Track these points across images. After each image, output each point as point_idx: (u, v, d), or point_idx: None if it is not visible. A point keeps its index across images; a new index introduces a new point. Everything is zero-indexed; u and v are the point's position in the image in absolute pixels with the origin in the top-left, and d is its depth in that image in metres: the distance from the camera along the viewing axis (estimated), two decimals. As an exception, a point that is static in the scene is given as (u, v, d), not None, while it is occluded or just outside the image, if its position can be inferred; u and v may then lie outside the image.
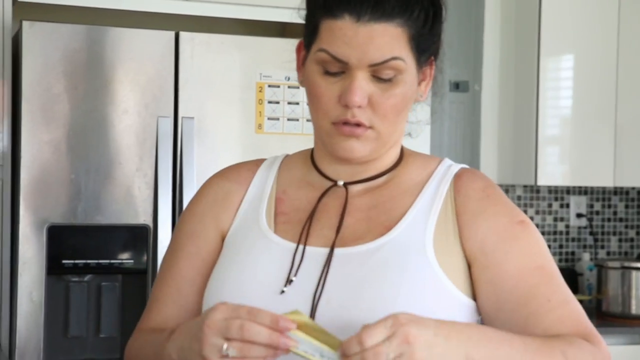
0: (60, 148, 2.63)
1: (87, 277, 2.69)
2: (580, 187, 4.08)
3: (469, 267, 1.27)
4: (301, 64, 1.34)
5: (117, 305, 2.70)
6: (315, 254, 1.28)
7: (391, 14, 1.24)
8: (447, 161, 1.37)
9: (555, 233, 4.07)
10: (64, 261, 2.64)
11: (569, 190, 4.08)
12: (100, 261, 2.68)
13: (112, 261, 2.69)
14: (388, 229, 1.28)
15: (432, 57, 1.33)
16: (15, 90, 2.69)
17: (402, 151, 1.38)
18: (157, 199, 2.69)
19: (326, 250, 1.28)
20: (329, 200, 1.34)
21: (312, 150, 1.40)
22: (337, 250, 1.27)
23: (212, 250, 1.37)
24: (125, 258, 2.70)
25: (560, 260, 4.07)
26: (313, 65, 1.27)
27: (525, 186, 4.01)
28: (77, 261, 2.66)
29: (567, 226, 4.09)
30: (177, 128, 2.74)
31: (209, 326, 1.11)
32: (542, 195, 4.05)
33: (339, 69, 1.25)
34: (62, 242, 2.64)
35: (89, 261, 2.67)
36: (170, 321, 1.35)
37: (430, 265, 1.24)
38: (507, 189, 3.99)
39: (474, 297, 1.28)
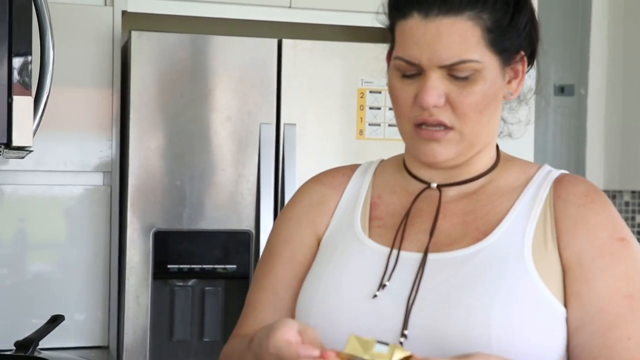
0: (166, 155, 2.69)
1: (191, 282, 2.74)
2: (691, 193, 3.95)
3: (564, 274, 1.21)
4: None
5: (220, 310, 2.74)
6: (409, 258, 1.26)
7: (460, 7, 1.19)
8: (546, 167, 1.32)
9: (664, 240, 3.95)
10: (169, 266, 2.70)
11: (679, 196, 3.96)
12: (204, 266, 2.72)
13: (216, 266, 2.73)
14: (485, 234, 1.24)
15: (522, 53, 1.27)
16: (123, 99, 2.76)
17: (499, 155, 1.34)
18: (259, 205, 2.72)
19: (420, 255, 1.25)
20: (422, 204, 1.31)
21: (404, 155, 1.38)
22: (431, 256, 1.25)
23: (308, 254, 1.36)
24: (228, 263, 2.73)
25: (670, 269, 3.95)
26: (392, 71, 1.26)
27: (633, 192, 3.91)
28: (181, 266, 2.70)
29: (678, 233, 3.96)
30: (280, 134, 2.76)
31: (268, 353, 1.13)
32: (651, 201, 3.94)
33: (415, 72, 1.22)
34: (167, 247, 2.69)
35: (193, 266, 2.71)
36: None
37: (528, 273, 1.19)
38: (614, 194, 3.89)
39: (566, 306, 1.22)
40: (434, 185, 1.31)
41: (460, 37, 1.19)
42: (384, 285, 1.23)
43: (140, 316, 2.68)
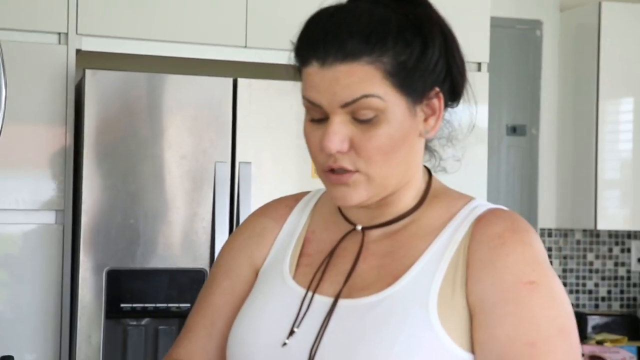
0: (120, 193, 2.68)
1: (144, 321, 2.71)
2: (641, 232, 4.01)
3: (470, 320, 1.17)
4: None
5: (174, 349, 2.71)
6: (322, 303, 1.23)
7: (355, 54, 1.17)
8: (475, 201, 1.26)
9: (616, 278, 4.00)
10: (122, 305, 2.67)
11: (629, 235, 4.01)
12: (158, 305, 2.70)
13: (170, 305, 2.71)
14: (396, 278, 1.20)
15: (437, 89, 1.22)
16: (77, 137, 2.75)
17: (429, 191, 1.29)
18: (214, 243, 2.72)
19: (331, 300, 1.23)
20: (348, 244, 1.28)
21: None
22: (342, 302, 1.22)
23: (245, 286, 1.35)
24: (182, 302, 2.72)
25: (621, 306, 3.99)
26: (305, 114, 1.25)
27: (584, 230, 3.96)
28: (134, 305, 2.68)
29: (629, 271, 4.02)
30: (235, 173, 2.77)
31: None
32: (602, 239, 3.99)
33: (321, 115, 1.21)
34: (121, 286, 2.67)
35: (146, 305, 2.69)
36: (200, 351, 1.35)
37: (429, 322, 1.15)
38: (566, 233, 3.94)
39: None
40: (359, 227, 1.29)
41: (359, 78, 1.17)
42: (293, 332, 1.22)
43: (92, 356, 2.65)
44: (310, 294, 1.25)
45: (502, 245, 1.18)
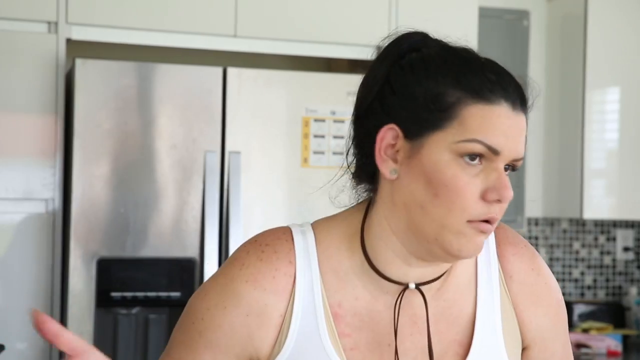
0: (110, 182, 2.68)
1: (134, 310, 2.72)
2: (627, 221, 4.05)
3: (524, 346, 1.25)
4: (388, 153, 1.14)
5: (164, 338, 2.72)
6: None
7: (527, 104, 1.14)
8: None
9: (601, 267, 4.03)
10: (112, 294, 2.68)
11: (615, 224, 4.05)
12: (148, 294, 2.71)
13: (160, 294, 2.72)
14: (462, 345, 1.18)
15: None
16: (67, 126, 2.75)
17: None
18: (204, 232, 2.73)
19: None
20: (401, 311, 1.17)
21: (359, 242, 1.18)
22: None
23: None
24: (172, 291, 2.73)
25: (607, 295, 4.03)
26: (446, 155, 1.09)
27: (571, 219, 3.99)
28: (125, 294, 2.69)
29: (614, 260, 4.05)
30: (224, 162, 2.77)
31: None
32: (588, 228, 4.02)
33: (482, 156, 1.09)
34: (111, 275, 2.68)
35: (136, 294, 2.70)
36: None
37: None
38: (553, 222, 3.97)
39: None
40: (412, 286, 1.16)
41: (526, 134, 1.14)
42: None
43: (82, 345, 2.65)
44: None
45: (538, 276, 1.25)
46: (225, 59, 3.07)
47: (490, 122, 1.08)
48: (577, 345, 3.60)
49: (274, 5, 2.97)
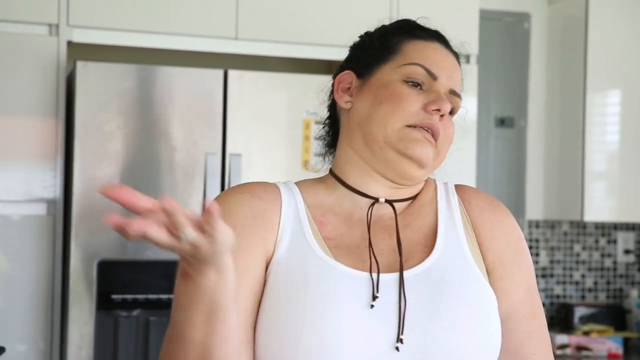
0: (111, 184, 2.68)
1: (135, 312, 2.72)
2: (627, 223, 4.04)
3: (487, 274, 1.34)
4: (345, 90, 1.38)
5: (165, 340, 2.72)
6: (386, 280, 1.27)
7: (459, 58, 1.39)
8: (436, 178, 1.43)
9: (602, 269, 4.03)
10: (113, 296, 2.68)
11: (616, 226, 4.05)
12: (149, 296, 2.71)
13: (161, 296, 2.72)
14: (426, 246, 1.32)
15: None
16: (68, 128, 2.75)
17: None
18: (205, 234, 2.72)
19: (394, 276, 1.28)
20: (376, 220, 1.34)
21: (332, 178, 1.38)
22: (405, 273, 1.29)
23: (261, 270, 1.29)
24: (173, 293, 2.72)
25: (607, 297, 4.03)
26: (394, 76, 1.33)
27: (571, 222, 3.99)
28: (126, 296, 2.70)
29: (615, 262, 4.05)
30: (225, 164, 2.78)
31: None
32: (589, 231, 4.02)
33: (421, 82, 1.33)
34: (112, 277, 2.68)
35: (137, 296, 2.70)
36: (234, 355, 1.29)
37: (478, 277, 1.31)
38: (554, 224, 3.97)
39: None
40: (382, 200, 1.35)
41: (460, 76, 1.38)
42: (372, 305, 1.25)
43: (83, 347, 2.66)
44: (374, 274, 1.27)
45: (499, 207, 1.39)
46: (227, 62, 3.08)
47: (427, 52, 1.34)
48: (578, 348, 3.59)
49: (275, 7, 2.97)
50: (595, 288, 4.03)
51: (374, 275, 1.27)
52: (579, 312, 3.83)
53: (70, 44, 2.80)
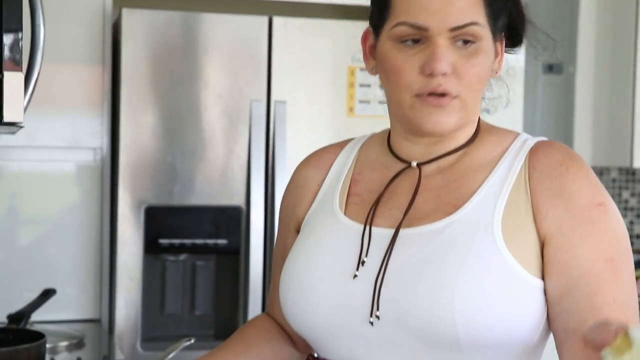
0: (157, 131, 2.71)
1: (182, 257, 2.77)
2: (678, 170, 3.99)
3: (542, 246, 1.22)
4: (369, 52, 1.32)
5: (211, 284, 2.77)
6: (382, 235, 1.26)
7: None
8: (523, 135, 1.31)
9: (651, 217, 3.99)
10: (160, 241, 2.73)
11: (666, 174, 3.99)
12: (195, 241, 2.75)
13: (207, 241, 2.76)
14: (456, 207, 1.24)
15: (502, 33, 1.31)
16: (114, 76, 2.78)
17: (479, 127, 1.33)
18: (250, 181, 2.75)
19: (392, 232, 1.25)
20: (401, 181, 1.31)
21: (390, 131, 1.38)
22: (402, 231, 1.25)
23: (291, 237, 1.41)
24: (219, 238, 2.77)
25: (656, 245, 3.99)
26: (388, 42, 1.25)
27: (620, 168, 3.94)
28: (173, 241, 2.74)
29: (664, 210, 4.00)
30: (270, 111, 2.78)
31: None
32: (638, 177, 3.97)
33: (418, 37, 1.22)
34: (159, 222, 2.72)
35: (184, 241, 2.74)
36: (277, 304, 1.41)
37: (496, 246, 1.19)
38: (602, 171, 3.93)
39: (544, 277, 1.22)
40: (414, 164, 1.31)
41: (468, 4, 1.22)
42: (363, 262, 1.25)
43: (132, 290, 2.71)
44: (368, 227, 1.27)
45: (567, 172, 1.23)
46: (271, 8, 3.06)
47: (410, 3, 1.23)
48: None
49: (320, -48, 2.94)
50: (643, 236, 3.99)
51: (367, 228, 1.27)
52: (627, 260, 3.81)
53: (115, -9, 2.81)
